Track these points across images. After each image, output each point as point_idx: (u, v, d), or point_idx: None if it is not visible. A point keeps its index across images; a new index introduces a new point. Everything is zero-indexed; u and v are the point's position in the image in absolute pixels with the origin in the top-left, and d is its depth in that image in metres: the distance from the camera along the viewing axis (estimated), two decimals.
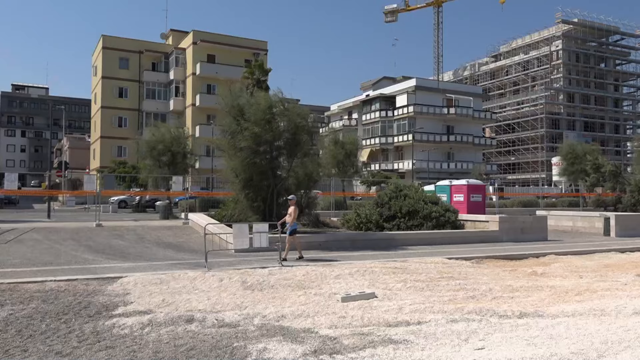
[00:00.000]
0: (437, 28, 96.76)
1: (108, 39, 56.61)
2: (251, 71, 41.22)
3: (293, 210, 13.91)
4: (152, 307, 8.18)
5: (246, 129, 16.34)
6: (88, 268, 11.92)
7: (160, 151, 28.33)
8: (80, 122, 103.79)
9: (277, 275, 11.08)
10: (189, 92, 55.28)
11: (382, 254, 15.26)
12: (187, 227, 20.80)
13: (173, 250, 15.51)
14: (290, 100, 17.75)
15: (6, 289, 9.38)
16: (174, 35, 60.96)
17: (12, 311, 7.77)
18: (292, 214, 13.87)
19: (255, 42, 57.53)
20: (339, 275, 11.19)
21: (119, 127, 56.31)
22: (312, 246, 16.40)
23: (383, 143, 66.46)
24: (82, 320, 7.33)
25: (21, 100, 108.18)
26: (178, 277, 10.78)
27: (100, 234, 18.19)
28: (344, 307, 8.30)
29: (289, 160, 17.75)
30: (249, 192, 17.46)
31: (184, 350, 6.01)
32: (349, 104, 74.46)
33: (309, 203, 18.82)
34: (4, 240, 16.23)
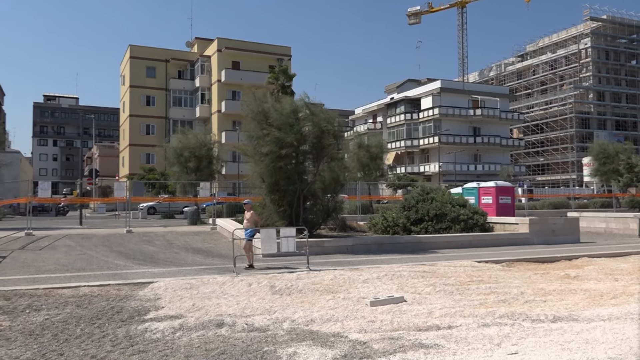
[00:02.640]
0: (461, 29, 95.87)
1: (135, 49, 57.71)
2: (275, 77, 41.51)
3: (250, 215, 13.70)
4: (183, 311, 8.28)
5: (270, 134, 16.42)
6: (120, 273, 12.14)
7: (187, 158, 28.70)
8: (109, 131, 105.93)
9: (305, 280, 11.09)
10: (215, 99, 55.91)
11: (410, 258, 15.15)
12: (215, 232, 21.01)
13: (202, 255, 15.67)
14: (316, 105, 17.77)
15: (42, 294, 9.62)
16: (199, 43, 61.79)
17: (48, 316, 7.96)
18: (249, 219, 13.64)
19: (279, 48, 57.89)
20: (367, 280, 11.14)
21: (147, 135, 57.27)
22: (340, 250, 16.40)
23: (408, 146, 66.06)
24: (115, 325, 7.46)
25: (52, 110, 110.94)
26: (207, 282, 10.88)
27: (131, 240, 18.51)
28: (373, 311, 8.26)
29: (315, 165, 17.75)
30: (275, 197, 17.53)
31: (215, 354, 6.06)
32: (373, 107, 74.26)
33: (336, 207, 18.78)
34: (39, 246, 16.65)
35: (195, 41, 63.35)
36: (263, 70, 52.70)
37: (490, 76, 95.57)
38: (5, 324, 7.48)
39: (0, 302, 8.89)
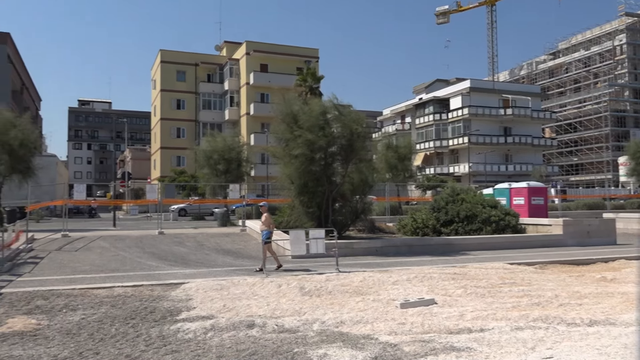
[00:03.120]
0: (490, 27, 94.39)
1: (166, 53, 58.69)
2: (303, 79, 41.68)
3: (265, 218, 13.56)
4: (214, 312, 8.38)
5: (300, 136, 16.48)
6: (152, 274, 12.36)
7: (216, 160, 29.02)
8: (141, 134, 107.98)
9: (334, 281, 11.10)
10: (243, 102, 56.41)
11: (440, 260, 14.99)
12: (244, 234, 21.19)
13: (232, 256, 15.83)
14: (344, 106, 17.76)
15: (78, 294, 9.87)
16: (228, 47, 62.47)
17: (84, 315, 8.16)
18: (264, 221, 13.52)
19: (307, 50, 58.06)
20: (396, 281, 11.07)
21: (177, 138, 58.13)
22: (369, 252, 16.34)
23: (438, 146, 65.42)
24: (149, 325, 7.59)
25: (86, 114, 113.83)
26: (238, 283, 10.99)
27: (163, 241, 18.82)
28: (403, 313, 8.21)
29: (344, 166, 17.74)
30: (304, 199, 17.58)
31: (246, 355, 6.11)
32: (401, 108, 73.80)
33: (365, 209, 18.73)
34: (75, 248, 17.08)
35: (224, 45, 64.08)
36: (291, 72, 52.94)
37: (521, 75, 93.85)
38: (44, 323, 7.70)
39: (39, 301, 9.15)
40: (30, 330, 7.26)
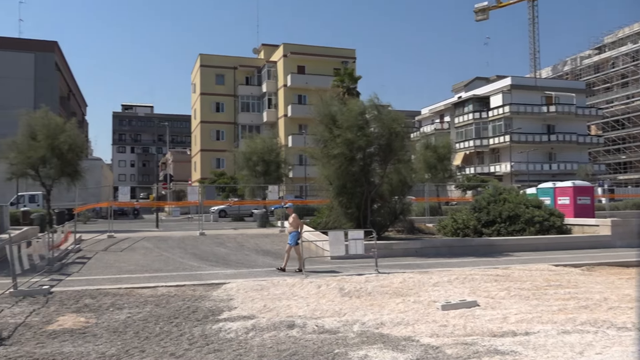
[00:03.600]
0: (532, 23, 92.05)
1: (205, 57, 59.76)
2: (341, 79, 41.70)
3: (292, 219, 13.49)
4: (255, 312, 8.46)
5: (338, 136, 16.48)
6: (194, 274, 12.60)
7: (255, 162, 29.36)
8: (182, 137, 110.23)
9: (374, 282, 11.04)
10: (281, 104, 56.86)
11: (482, 261, 14.72)
12: (283, 234, 21.32)
13: (271, 257, 15.96)
14: (383, 106, 17.66)
15: (124, 293, 10.15)
16: (265, 50, 63.10)
17: (129, 314, 8.38)
18: (291, 223, 13.45)
19: (344, 51, 58.05)
20: (437, 283, 10.93)
21: (217, 140, 59.10)
22: (408, 253, 16.19)
23: (478, 145, 64.20)
24: (192, 324, 7.74)
25: (130, 119, 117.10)
26: (277, 283, 11.08)
27: (204, 242, 19.15)
28: (445, 315, 8.09)
29: (383, 167, 17.64)
30: (342, 199, 17.57)
31: (287, 355, 6.15)
32: (440, 107, 72.83)
33: (403, 209, 18.56)
34: (120, 248, 17.58)
35: (261, 47, 64.76)
36: (328, 73, 53.04)
37: (564, 71, 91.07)
38: (92, 321, 7.96)
39: (87, 300, 9.46)
40: (79, 328, 7.51)
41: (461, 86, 76.91)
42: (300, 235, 13.32)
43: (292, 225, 13.29)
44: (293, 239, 13.04)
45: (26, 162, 23.08)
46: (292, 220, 13.39)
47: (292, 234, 13.13)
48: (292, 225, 13.27)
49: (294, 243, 13.01)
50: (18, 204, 31.72)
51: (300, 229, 13.33)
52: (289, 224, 13.44)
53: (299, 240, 13.10)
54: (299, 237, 13.19)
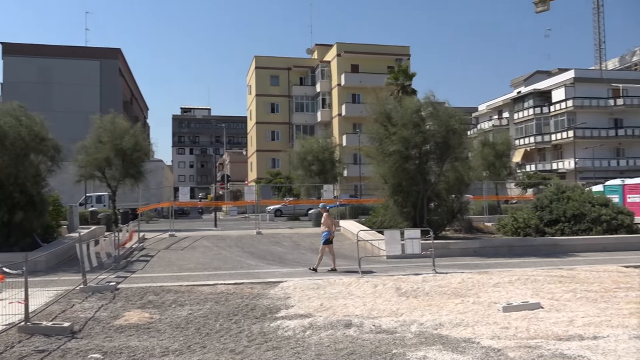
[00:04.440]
0: (597, 12, 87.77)
1: (260, 59, 60.75)
2: (395, 77, 41.28)
3: (325, 218, 13.42)
4: (312, 311, 8.51)
5: (394, 134, 16.33)
6: (252, 273, 12.83)
7: (310, 161, 29.56)
8: (238, 138, 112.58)
9: (431, 282, 10.87)
10: (335, 103, 56.94)
11: (544, 261, 14.19)
12: (339, 234, 21.30)
13: (327, 256, 15.97)
14: (439, 103, 17.36)
15: (185, 290, 10.47)
16: (319, 50, 63.39)
17: (191, 311, 8.64)
18: (324, 222, 13.37)
19: (398, 48, 57.47)
20: (497, 284, 10.63)
21: (272, 141, 59.94)
22: (466, 253, 15.85)
23: (539, 142, 61.86)
24: (250, 322, 7.88)
25: (188, 121, 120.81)
26: (333, 282, 11.10)
27: (261, 241, 19.47)
28: (506, 317, 7.85)
29: (439, 164, 17.33)
30: (398, 198, 17.40)
31: (344, 354, 6.14)
32: (498, 103, 70.72)
33: (461, 208, 18.16)
34: (181, 247, 18.15)
35: (315, 48, 65.11)
36: (382, 71, 52.62)
37: (633, 62, 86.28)
38: (156, 317, 8.25)
39: (151, 296, 9.82)
40: (144, 323, 7.81)
41: (520, 81, 74.34)
42: (332, 234, 13.34)
43: (324, 225, 13.34)
44: (325, 239, 13.12)
45: (93, 164, 24.25)
46: (324, 219, 13.45)
47: (324, 233, 13.21)
48: (324, 224, 13.33)
49: (326, 242, 13.07)
50: (86, 204, 33.42)
51: (332, 229, 13.34)
52: (322, 224, 13.48)
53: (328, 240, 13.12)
54: (332, 237, 13.24)
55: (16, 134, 14.84)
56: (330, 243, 13.20)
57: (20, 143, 14.90)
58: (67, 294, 9.84)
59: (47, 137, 16.07)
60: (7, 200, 14.45)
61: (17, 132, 14.88)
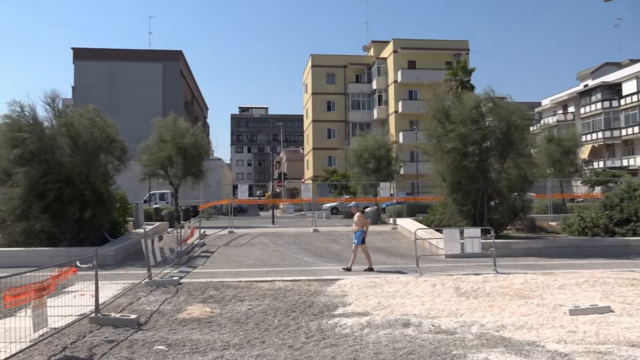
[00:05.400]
0: None
1: (316, 58, 61.08)
2: (453, 73, 40.46)
3: (357, 218, 13.09)
4: (369, 309, 8.47)
5: (452, 131, 15.99)
6: (309, 270, 12.92)
7: (366, 159, 29.46)
8: (294, 136, 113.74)
9: (492, 283, 10.57)
10: (391, 100, 56.44)
11: (614, 263, 13.50)
12: (395, 232, 21.16)
13: (384, 254, 15.90)
14: (500, 98, 16.84)
15: (244, 286, 10.69)
16: (375, 46, 63.01)
17: (250, 306, 8.80)
18: (357, 222, 13.05)
19: (456, 43, 56.24)
20: (563, 285, 10.19)
21: (329, 139, 60.16)
22: (529, 253, 15.33)
23: (607, 137, 58.84)
24: (308, 318, 7.93)
25: (246, 120, 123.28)
26: (391, 281, 11.00)
27: (317, 238, 19.58)
28: (573, 320, 7.51)
29: (500, 161, 16.81)
30: (457, 196, 17.03)
31: (403, 353, 6.07)
32: (563, 97, 67.80)
33: (524, 206, 17.56)
34: (239, 243, 18.54)
35: (371, 44, 64.77)
36: (440, 67, 51.65)
37: None
38: (216, 311, 8.46)
39: (212, 291, 10.09)
40: (205, 317, 8.03)
41: (587, 73, 70.93)
42: (366, 234, 13.13)
43: (357, 225, 13.11)
44: (359, 239, 12.90)
45: (156, 162, 25.22)
46: (357, 219, 13.23)
47: (358, 233, 12.99)
48: (357, 224, 13.10)
49: (360, 242, 12.87)
50: (150, 201, 34.79)
51: (365, 228, 13.13)
52: (354, 223, 13.25)
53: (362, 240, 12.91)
54: (365, 236, 13.02)
55: (89, 135, 15.67)
56: (364, 243, 13.03)
57: (92, 144, 15.71)
58: (133, 288, 10.27)
59: (117, 138, 16.89)
60: (78, 197, 15.23)
61: (90, 134, 15.70)
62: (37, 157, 14.93)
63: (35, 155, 14.93)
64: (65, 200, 15.04)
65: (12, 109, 15.54)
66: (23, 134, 14.96)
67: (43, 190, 14.82)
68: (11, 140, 14.99)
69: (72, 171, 15.29)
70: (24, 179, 14.74)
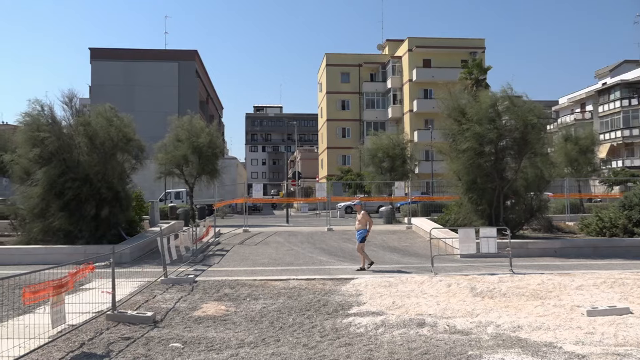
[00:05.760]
0: None
1: (330, 57, 61.03)
2: (469, 71, 40.16)
3: (361, 216, 13.00)
4: (383, 308, 8.45)
5: (468, 130, 15.87)
6: (323, 269, 12.93)
7: (381, 158, 29.33)
8: (309, 135, 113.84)
9: (508, 283, 10.48)
10: (406, 99, 56.20)
11: (634, 264, 13.31)
12: (410, 231, 21.07)
13: (398, 254, 15.84)
14: (517, 96, 16.67)
15: (259, 285, 10.72)
16: (390, 45, 62.77)
17: (264, 305, 8.83)
18: (360, 220, 12.97)
19: (472, 41, 55.79)
20: (580, 286, 10.06)
21: (343, 138, 60.10)
22: (546, 253, 15.17)
23: (627, 136, 57.97)
24: (322, 317, 7.94)
25: (261, 119, 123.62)
26: (405, 280, 10.96)
27: (332, 237, 19.57)
28: (591, 321, 7.41)
29: (517, 161, 16.65)
30: (472, 196, 16.90)
31: (418, 353, 6.05)
32: (581, 95, 66.94)
33: (540, 206, 17.37)
34: (254, 242, 18.61)
35: (386, 43, 64.53)
36: (455, 65, 51.31)
37: None
38: (231, 309, 8.51)
39: (227, 290, 10.14)
40: (220, 315, 8.07)
41: (606, 71, 69.94)
42: (368, 232, 13.08)
43: (360, 223, 13.07)
44: (361, 237, 12.86)
45: (172, 161, 25.42)
46: (360, 217, 13.17)
47: (360, 231, 12.95)
48: (361, 222, 13.05)
49: (362, 240, 12.84)
50: (165, 200, 35.06)
51: (369, 227, 13.06)
52: (358, 221, 13.19)
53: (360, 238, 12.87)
54: (365, 236, 12.96)
55: (106, 134, 15.84)
56: (363, 242, 12.96)
57: (109, 143, 15.88)
58: (149, 285, 10.36)
59: (134, 137, 17.03)
60: (95, 196, 15.41)
61: (107, 133, 15.87)
62: (55, 157, 15.14)
63: (54, 155, 15.14)
64: (82, 199, 15.23)
65: (32, 107, 15.77)
66: (42, 133, 15.16)
67: (61, 189, 15.02)
68: (31, 139, 15.21)
69: (90, 170, 15.47)
70: (43, 178, 14.96)
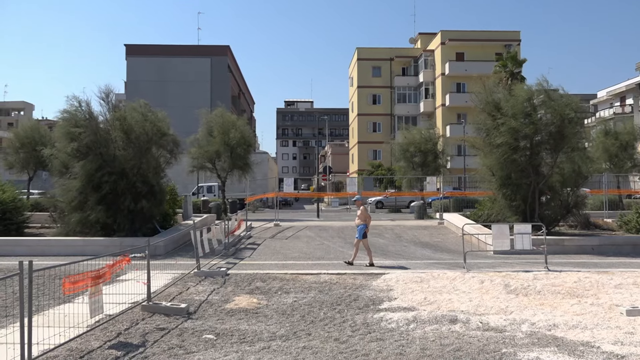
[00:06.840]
0: None
1: (362, 51, 60.71)
2: (503, 64, 39.36)
3: (360, 212, 12.85)
4: (415, 304, 8.39)
5: (503, 124, 15.58)
6: (354, 264, 12.90)
7: (412, 153, 29.11)
8: (340, 130, 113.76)
9: (543, 281, 10.26)
10: (439, 93, 55.49)
11: None
12: (442, 227, 20.85)
13: (430, 249, 15.70)
14: (554, 90, 16.27)
15: (290, 278, 10.79)
16: (422, 39, 62.04)
17: (296, 298, 8.88)
18: (359, 215, 12.82)
19: (506, 34, 54.63)
20: (619, 285, 9.78)
21: (374, 132, 59.81)
22: (583, 250, 14.80)
23: None
24: (353, 312, 7.93)
25: (292, 114, 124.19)
26: (437, 276, 10.86)
27: None
28: (631, 321, 7.20)
29: (553, 156, 16.26)
30: (506, 191, 16.60)
31: (450, 350, 5.98)
32: (621, 89, 64.85)
33: (577, 202, 16.95)
34: (285, 236, 18.72)
35: (418, 37, 63.81)
36: (489, 59, 50.32)
37: None
38: (263, 302, 8.59)
39: (258, 283, 10.24)
40: (252, 308, 8.16)
41: None
42: (368, 228, 12.97)
43: (359, 218, 12.98)
44: (360, 232, 12.77)
45: (204, 156, 25.77)
46: (360, 212, 13.07)
47: (360, 227, 12.86)
48: (360, 218, 12.96)
49: (362, 237, 12.74)
50: (198, 193, 35.59)
51: (368, 222, 12.95)
52: (357, 217, 13.11)
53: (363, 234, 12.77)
54: (367, 230, 12.89)
55: (141, 129, 16.17)
56: (365, 237, 12.88)
57: (144, 137, 16.21)
58: (183, 277, 10.55)
59: (168, 132, 17.35)
60: (131, 189, 15.75)
61: (142, 127, 16.21)
62: (92, 151, 15.53)
63: (91, 149, 15.53)
64: (119, 192, 15.59)
65: (70, 103, 16.22)
66: (79, 128, 15.58)
67: (98, 182, 15.41)
68: (69, 134, 15.65)
69: (125, 164, 15.82)
70: (81, 172, 15.37)
